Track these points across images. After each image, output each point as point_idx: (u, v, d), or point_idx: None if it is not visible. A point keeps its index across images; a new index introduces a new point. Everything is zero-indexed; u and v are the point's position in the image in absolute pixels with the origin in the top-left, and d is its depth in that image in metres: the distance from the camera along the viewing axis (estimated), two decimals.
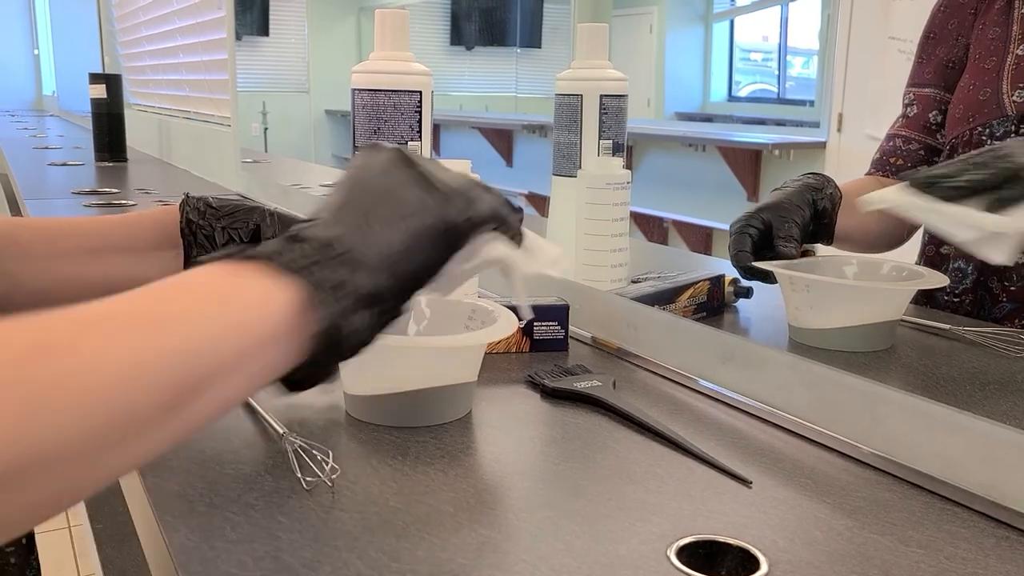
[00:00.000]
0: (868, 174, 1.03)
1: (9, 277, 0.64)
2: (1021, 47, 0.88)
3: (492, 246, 0.49)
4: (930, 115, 0.97)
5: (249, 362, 0.38)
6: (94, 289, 0.60)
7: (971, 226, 0.67)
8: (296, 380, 0.43)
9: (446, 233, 0.46)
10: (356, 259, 0.42)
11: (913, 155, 0.98)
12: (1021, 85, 0.87)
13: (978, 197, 0.67)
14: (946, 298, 0.92)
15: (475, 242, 0.48)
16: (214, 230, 0.68)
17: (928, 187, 0.69)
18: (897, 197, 0.71)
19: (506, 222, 0.50)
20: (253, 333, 0.38)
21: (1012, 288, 0.88)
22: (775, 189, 0.87)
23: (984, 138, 0.89)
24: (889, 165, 1.00)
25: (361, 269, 0.42)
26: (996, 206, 0.66)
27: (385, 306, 0.44)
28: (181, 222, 0.68)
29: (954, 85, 0.95)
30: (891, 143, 1.01)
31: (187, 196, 0.69)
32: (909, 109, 0.99)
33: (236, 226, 0.69)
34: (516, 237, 0.51)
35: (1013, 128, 0.87)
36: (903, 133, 0.99)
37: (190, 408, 0.36)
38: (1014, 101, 0.87)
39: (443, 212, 0.46)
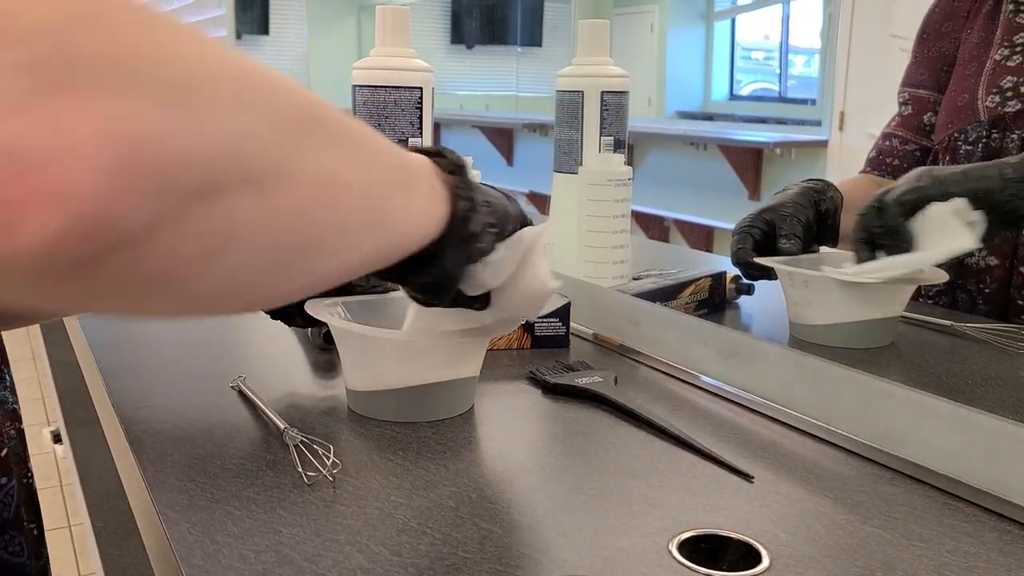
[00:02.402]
0: (863, 172, 1.03)
1: None
2: (999, 52, 0.88)
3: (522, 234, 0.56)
4: (925, 116, 0.97)
5: (413, 196, 0.43)
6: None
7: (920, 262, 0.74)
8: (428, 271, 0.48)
9: (517, 208, 0.56)
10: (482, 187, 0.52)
11: (909, 156, 0.98)
12: (995, 90, 0.87)
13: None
14: (921, 299, 0.92)
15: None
16: None
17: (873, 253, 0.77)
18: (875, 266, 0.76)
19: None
20: (415, 170, 0.44)
21: (986, 290, 0.88)
22: (777, 192, 0.88)
23: (959, 144, 0.89)
24: (885, 165, 1.00)
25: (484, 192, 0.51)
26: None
27: (491, 219, 0.51)
28: None
29: (947, 87, 0.95)
30: (888, 142, 1.00)
31: None
32: (904, 108, 0.99)
33: None
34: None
35: (985, 133, 0.87)
36: (899, 133, 0.99)
37: (390, 219, 0.41)
38: (987, 106, 0.87)
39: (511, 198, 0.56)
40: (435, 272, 0.48)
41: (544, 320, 0.84)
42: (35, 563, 0.79)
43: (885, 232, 0.74)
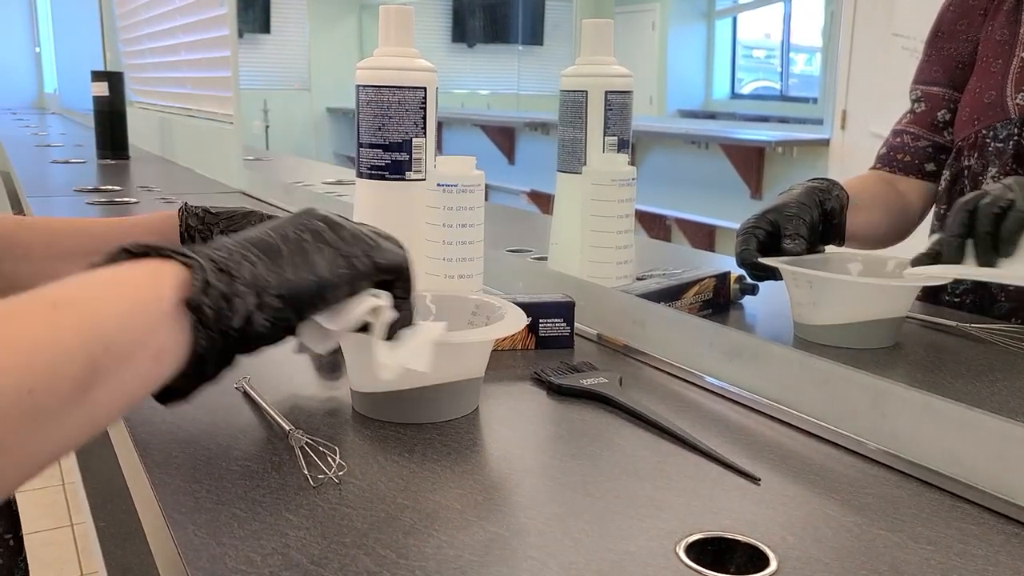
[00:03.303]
0: (873, 168, 1.03)
1: (7, 278, 0.63)
2: None
3: (369, 304, 0.52)
4: (938, 113, 0.97)
5: (147, 343, 0.41)
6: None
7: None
8: (187, 378, 0.45)
9: (346, 262, 0.50)
10: (250, 255, 0.47)
11: (921, 152, 0.98)
12: None
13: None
14: (947, 297, 0.92)
15: (361, 296, 0.52)
16: (213, 234, 0.69)
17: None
18: (937, 271, 0.75)
19: (405, 277, 0.54)
20: (149, 313, 0.42)
21: (1010, 288, 0.87)
22: (781, 192, 0.87)
23: (988, 140, 0.89)
24: (896, 161, 1.00)
25: (251, 263, 0.47)
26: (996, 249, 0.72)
27: (272, 301, 0.46)
28: (181, 228, 0.69)
29: (963, 85, 0.94)
30: (899, 139, 1.00)
31: (186, 204, 0.70)
32: (917, 105, 0.99)
33: (234, 228, 0.69)
34: (403, 303, 0.55)
35: (1016, 131, 0.87)
36: (911, 130, 0.99)
37: (97, 390, 0.38)
38: (1017, 104, 0.87)
39: (347, 248, 0.51)
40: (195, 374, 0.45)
41: (549, 321, 0.84)
42: (10, 574, 0.78)
43: (991, 244, 0.72)
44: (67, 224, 0.68)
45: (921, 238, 0.99)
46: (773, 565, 0.47)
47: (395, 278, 0.54)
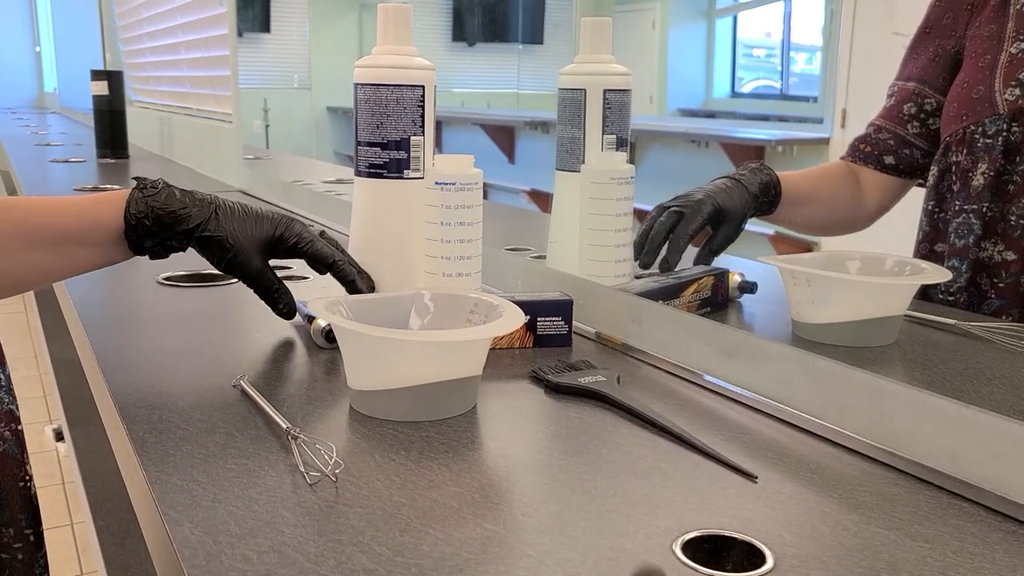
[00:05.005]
0: (841, 158, 1.05)
1: None
2: (1015, 44, 0.88)
3: None
4: (905, 106, 0.98)
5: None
6: (60, 276, 0.79)
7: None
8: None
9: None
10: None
11: (881, 144, 1.00)
12: (1014, 83, 0.87)
13: None
14: (941, 296, 0.92)
15: None
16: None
17: None
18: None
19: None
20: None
21: (1000, 285, 0.87)
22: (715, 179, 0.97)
23: (977, 136, 0.89)
24: (858, 151, 1.02)
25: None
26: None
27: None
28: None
29: (939, 79, 0.95)
30: (866, 131, 1.02)
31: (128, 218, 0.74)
32: (888, 100, 1.01)
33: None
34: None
35: (1005, 127, 0.87)
36: (876, 122, 1.01)
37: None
38: (1006, 99, 0.87)
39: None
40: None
41: (547, 319, 0.84)
42: (31, 570, 0.78)
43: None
44: (38, 214, 0.73)
45: (887, 231, 1.01)
46: (770, 563, 0.47)
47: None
